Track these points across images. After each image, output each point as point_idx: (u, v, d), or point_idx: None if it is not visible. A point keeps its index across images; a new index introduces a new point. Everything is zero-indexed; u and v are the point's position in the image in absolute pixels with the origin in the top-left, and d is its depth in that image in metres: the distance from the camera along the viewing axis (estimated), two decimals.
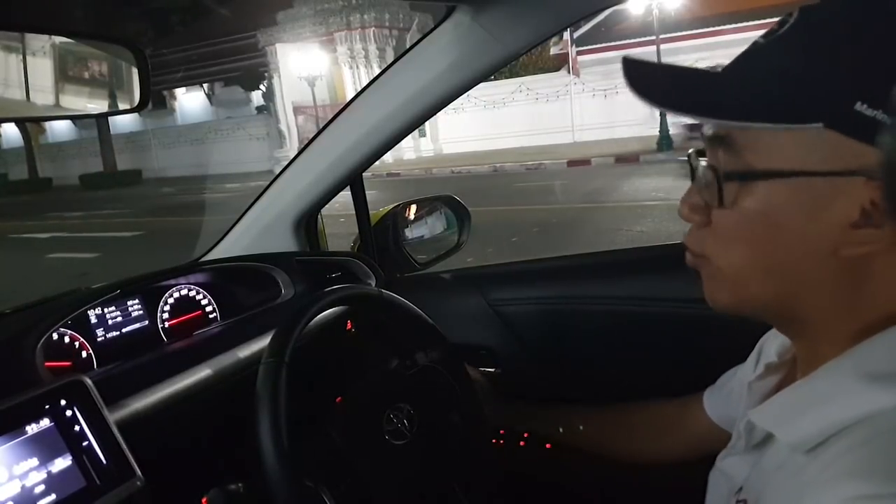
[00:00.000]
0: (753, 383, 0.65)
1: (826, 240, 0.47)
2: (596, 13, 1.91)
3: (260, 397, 0.74)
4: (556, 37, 18.57)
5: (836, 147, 0.45)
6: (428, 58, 1.03)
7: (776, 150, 0.47)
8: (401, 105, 1.08)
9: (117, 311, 1.09)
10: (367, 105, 1.13)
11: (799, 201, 0.47)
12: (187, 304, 1.19)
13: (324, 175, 1.22)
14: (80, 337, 1.02)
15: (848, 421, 0.45)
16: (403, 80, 1.07)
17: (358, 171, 1.21)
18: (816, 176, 0.46)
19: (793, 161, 0.46)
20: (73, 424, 0.73)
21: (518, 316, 1.22)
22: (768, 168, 0.48)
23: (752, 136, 0.48)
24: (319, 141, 1.19)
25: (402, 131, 1.13)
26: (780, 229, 0.48)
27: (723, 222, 0.52)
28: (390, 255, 1.39)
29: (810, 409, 0.49)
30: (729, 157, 0.50)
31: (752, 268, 0.51)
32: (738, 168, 0.49)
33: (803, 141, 0.46)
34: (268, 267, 1.19)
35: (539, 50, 19.53)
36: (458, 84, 1.03)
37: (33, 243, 10.11)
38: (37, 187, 21.92)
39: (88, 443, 0.73)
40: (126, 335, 1.08)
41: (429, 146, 19.41)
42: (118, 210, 13.31)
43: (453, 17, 0.97)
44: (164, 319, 1.14)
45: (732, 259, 0.52)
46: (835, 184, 0.45)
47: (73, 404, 0.74)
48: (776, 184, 0.48)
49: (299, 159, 1.22)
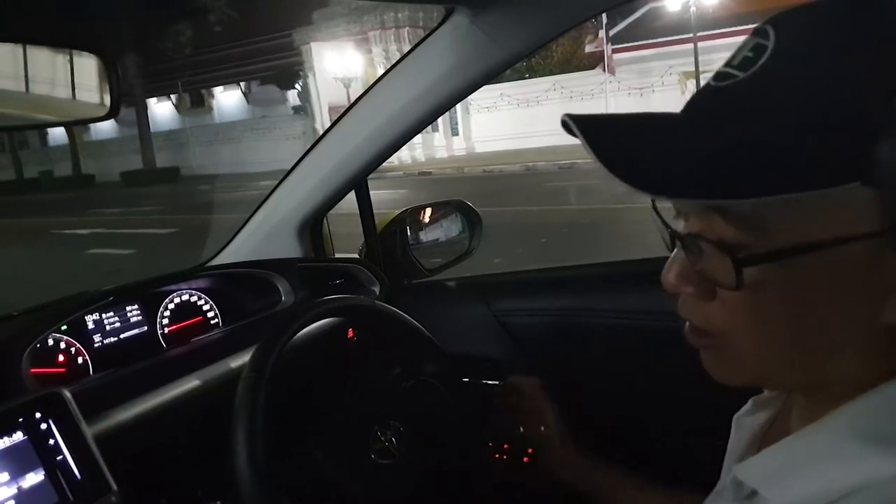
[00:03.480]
0: (741, 418, 0.60)
1: (866, 308, 0.40)
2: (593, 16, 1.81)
3: (238, 413, 0.72)
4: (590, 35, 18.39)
5: (871, 203, 0.37)
6: (427, 61, 1.00)
7: (800, 218, 0.39)
8: (401, 109, 1.05)
9: (116, 316, 1.08)
10: (368, 109, 1.10)
11: (834, 273, 0.40)
12: (188, 310, 1.17)
13: (327, 180, 1.19)
14: (76, 343, 1.01)
15: (843, 489, 0.40)
16: (403, 83, 1.04)
17: (361, 175, 1.19)
18: (854, 242, 0.38)
19: (822, 229, 0.38)
20: (48, 438, 0.71)
21: (523, 327, 1.18)
22: (794, 243, 0.39)
23: (771, 206, 0.39)
24: (322, 146, 1.17)
25: (404, 135, 1.10)
26: (811, 305, 0.41)
27: (733, 299, 0.43)
28: (397, 261, 1.36)
29: (802, 470, 0.44)
30: (736, 231, 0.41)
31: (777, 348, 0.43)
32: (755, 246, 0.40)
33: (833, 203, 0.38)
34: (268, 273, 1.17)
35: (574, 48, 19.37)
36: (459, 87, 1.00)
37: (74, 239, 10.38)
38: (80, 184, 22.52)
39: (63, 457, 0.71)
40: (124, 341, 1.07)
41: (461, 145, 19.38)
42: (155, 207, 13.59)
43: (452, 19, 0.94)
44: (163, 325, 1.13)
45: (753, 339, 0.44)
46: (876, 245, 0.38)
47: (49, 417, 0.72)
48: (804, 258, 0.39)
49: (302, 164, 1.20)
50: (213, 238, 7.33)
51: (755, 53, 0.41)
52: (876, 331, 0.41)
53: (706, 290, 0.45)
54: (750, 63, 0.41)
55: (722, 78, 0.42)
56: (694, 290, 0.46)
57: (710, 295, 0.45)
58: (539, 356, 1.17)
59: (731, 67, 0.42)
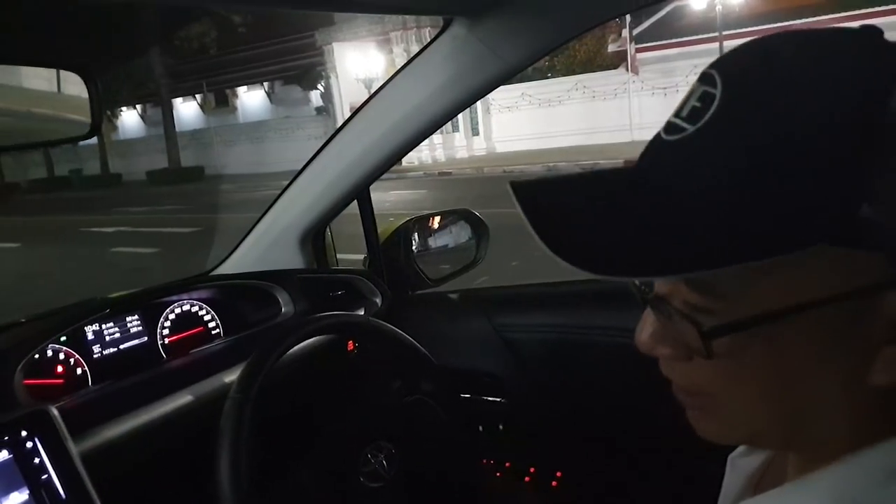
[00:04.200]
0: (736, 459, 0.57)
1: (851, 370, 0.37)
2: (594, 26, 1.75)
3: (222, 434, 0.71)
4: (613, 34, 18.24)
5: (845, 263, 0.35)
6: (426, 71, 0.99)
7: (766, 283, 0.36)
8: (401, 119, 1.04)
9: (116, 327, 1.08)
10: (367, 120, 1.09)
11: (812, 336, 0.37)
12: (189, 320, 1.17)
13: (328, 190, 1.19)
14: (75, 354, 1.02)
15: None
16: (403, 94, 1.03)
17: (362, 186, 1.18)
18: (828, 304, 0.35)
19: (790, 294, 0.36)
20: (34, 456, 0.71)
21: (525, 343, 1.16)
22: (764, 311, 0.36)
23: (733, 273, 0.36)
24: (322, 157, 1.16)
25: (404, 146, 1.09)
26: (792, 370, 0.39)
27: (715, 364, 0.40)
28: (401, 271, 1.35)
29: None
30: (704, 299, 0.38)
31: (762, 410, 0.41)
32: (723, 317, 0.38)
33: (801, 267, 0.35)
34: (268, 285, 1.17)
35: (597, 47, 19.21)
36: (458, 97, 0.99)
37: (100, 237, 10.56)
38: (108, 182, 22.90)
39: (48, 476, 0.71)
40: (124, 352, 1.07)
41: (481, 145, 19.32)
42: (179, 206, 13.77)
43: (450, 30, 0.92)
44: (163, 336, 1.13)
45: (736, 402, 0.41)
46: (853, 306, 0.36)
47: (35, 435, 0.72)
48: (778, 324, 0.37)
49: (303, 175, 1.20)
50: (233, 237, 7.38)
51: (703, 103, 0.38)
52: (864, 392, 0.38)
53: (682, 351, 0.42)
54: (698, 115, 0.38)
55: (671, 130, 0.39)
56: (670, 351, 0.43)
57: (687, 356, 0.42)
58: (541, 373, 1.15)
59: (679, 118, 0.39)
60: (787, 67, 0.37)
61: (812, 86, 0.35)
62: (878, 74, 0.35)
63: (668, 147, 0.39)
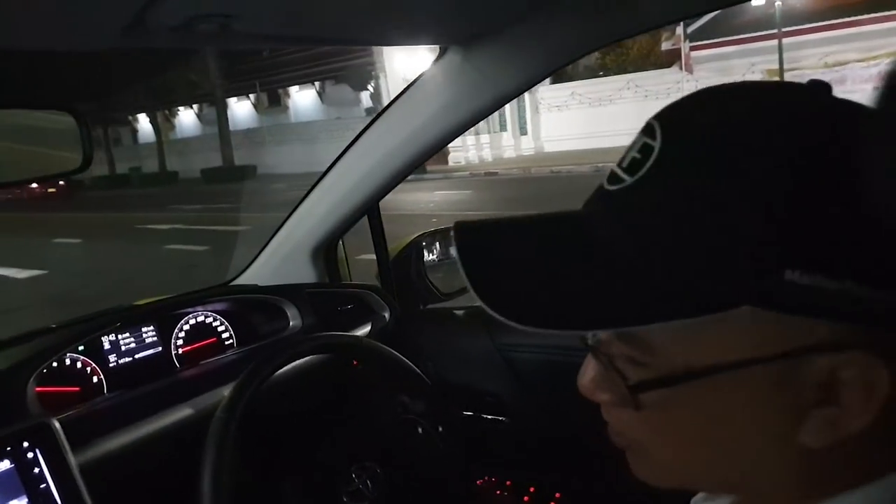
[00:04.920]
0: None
1: (780, 430, 0.37)
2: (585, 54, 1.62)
3: (206, 453, 0.74)
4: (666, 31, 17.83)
5: (772, 326, 0.34)
6: (425, 97, 1.01)
7: (693, 341, 0.36)
8: (402, 142, 1.07)
9: (131, 337, 1.13)
10: (372, 141, 1.12)
11: (739, 394, 0.37)
12: (203, 331, 1.22)
13: (336, 207, 1.22)
14: (92, 362, 1.07)
15: None
16: (403, 118, 1.05)
17: (368, 203, 1.20)
18: (754, 365, 0.35)
19: (718, 352, 0.36)
20: (34, 467, 0.76)
21: (527, 363, 1.16)
22: (686, 366, 0.37)
23: (660, 328, 0.37)
24: (331, 175, 1.19)
25: (406, 166, 1.11)
26: (721, 425, 0.38)
27: (648, 415, 0.40)
28: (412, 285, 1.36)
29: None
30: (634, 351, 0.39)
31: (695, 463, 0.41)
32: (644, 370, 0.38)
33: (727, 327, 0.35)
34: (277, 299, 1.20)
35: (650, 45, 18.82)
36: (455, 122, 1.00)
37: (154, 234, 10.94)
38: (165, 180, 23.72)
39: (46, 486, 0.75)
40: (138, 361, 1.12)
41: (529, 144, 19.20)
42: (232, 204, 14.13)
43: (446, 56, 0.94)
44: (177, 346, 1.18)
45: (666, 451, 0.42)
46: (781, 368, 0.35)
47: (37, 447, 0.77)
48: (703, 382, 0.37)
49: (314, 191, 1.23)
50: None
51: (642, 155, 0.38)
52: (793, 453, 0.38)
53: (618, 399, 0.42)
54: (637, 166, 0.38)
55: (612, 180, 0.39)
56: (608, 397, 0.43)
57: (622, 404, 0.42)
58: (542, 393, 1.15)
59: (621, 168, 0.39)
60: (725, 124, 0.36)
61: (748, 145, 0.35)
62: (814, 134, 0.35)
63: (607, 197, 0.40)
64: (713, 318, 0.35)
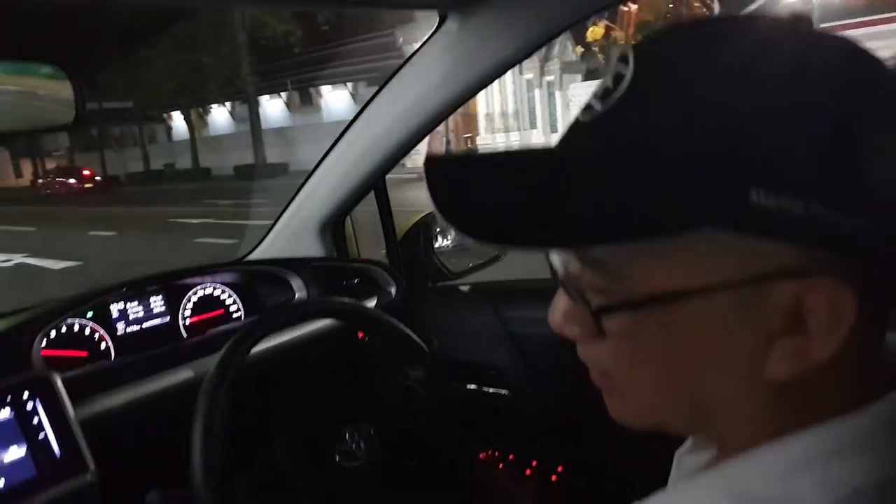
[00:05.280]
0: (684, 456, 0.56)
1: (746, 361, 0.37)
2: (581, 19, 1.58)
3: (197, 409, 0.75)
4: None
5: (737, 249, 0.34)
6: (425, 67, 1.01)
7: (657, 265, 0.36)
8: (403, 114, 1.07)
9: (140, 306, 1.15)
10: (374, 114, 1.13)
11: (705, 322, 0.37)
12: (211, 303, 1.24)
13: (342, 182, 1.23)
14: (100, 329, 1.10)
15: None
16: (404, 89, 1.05)
17: (373, 177, 1.20)
18: (717, 291, 0.35)
19: (682, 278, 0.36)
20: (33, 417, 0.78)
21: (531, 337, 1.16)
22: (651, 292, 0.36)
23: (621, 251, 0.37)
24: (336, 150, 1.20)
25: (408, 139, 1.12)
26: (686, 356, 0.38)
27: (613, 345, 0.41)
28: (420, 263, 1.37)
29: None
30: (596, 275, 0.39)
31: (662, 397, 0.41)
32: (610, 297, 0.38)
33: (691, 250, 0.35)
34: (283, 271, 1.22)
35: None
36: (456, 91, 1.00)
37: (186, 227, 11.15)
38: (198, 176, 24.15)
39: (45, 436, 0.78)
40: (146, 330, 1.15)
41: None
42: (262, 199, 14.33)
43: (445, 25, 0.95)
44: (185, 316, 1.20)
45: (637, 386, 0.42)
46: (747, 294, 0.35)
47: (36, 397, 0.79)
48: (667, 308, 0.37)
49: (320, 168, 1.24)
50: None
51: (614, 83, 0.38)
52: (760, 385, 0.37)
53: (589, 332, 0.42)
54: (608, 95, 0.38)
55: (586, 111, 0.40)
56: (578, 331, 0.43)
57: (593, 337, 0.42)
58: (545, 366, 1.14)
59: (595, 98, 0.39)
60: (692, 48, 0.36)
61: (713, 69, 0.35)
62: (782, 55, 0.34)
63: (577, 127, 0.40)
64: (678, 243, 0.34)
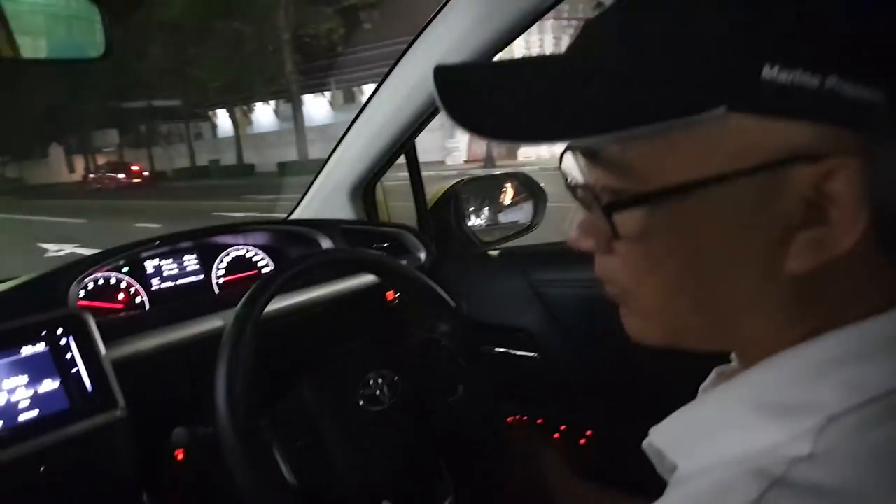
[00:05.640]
0: (707, 389, 0.54)
1: (766, 255, 0.35)
2: None
3: (222, 346, 0.76)
4: None
5: (751, 132, 0.32)
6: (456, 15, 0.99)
7: (670, 156, 0.35)
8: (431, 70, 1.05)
9: (175, 263, 1.18)
10: (403, 74, 1.11)
11: (722, 215, 0.35)
12: (243, 264, 1.26)
13: (371, 146, 1.23)
14: (136, 283, 1.12)
15: (736, 459, 0.36)
16: (433, 43, 1.04)
17: (401, 139, 1.19)
18: (732, 179, 0.33)
19: (696, 167, 0.34)
20: (66, 352, 0.80)
21: (559, 298, 1.14)
22: (665, 185, 0.35)
23: (632, 144, 0.35)
24: (365, 114, 1.20)
25: None
26: (704, 254, 0.37)
27: (628, 252, 0.40)
28: (451, 232, 1.36)
29: (703, 437, 0.40)
30: (609, 175, 0.38)
31: (680, 303, 0.40)
32: (624, 193, 0.37)
33: (704, 136, 0.33)
34: (313, 231, 1.22)
35: None
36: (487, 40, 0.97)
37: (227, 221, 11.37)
38: (242, 172, 24.62)
39: (77, 370, 0.80)
40: (180, 286, 1.17)
41: None
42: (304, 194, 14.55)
43: None
44: (218, 276, 1.22)
45: (654, 294, 0.40)
46: (763, 182, 0.33)
47: (70, 334, 0.81)
48: (682, 201, 0.35)
49: (350, 132, 1.24)
50: None
51: None
52: (782, 282, 0.35)
53: (603, 242, 0.41)
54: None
55: (597, 7, 0.39)
56: (593, 243, 0.42)
57: (608, 248, 0.41)
58: (574, 328, 1.13)
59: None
60: None
61: None
62: None
63: (587, 24, 0.39)
64: (689, 130, 0.33)
